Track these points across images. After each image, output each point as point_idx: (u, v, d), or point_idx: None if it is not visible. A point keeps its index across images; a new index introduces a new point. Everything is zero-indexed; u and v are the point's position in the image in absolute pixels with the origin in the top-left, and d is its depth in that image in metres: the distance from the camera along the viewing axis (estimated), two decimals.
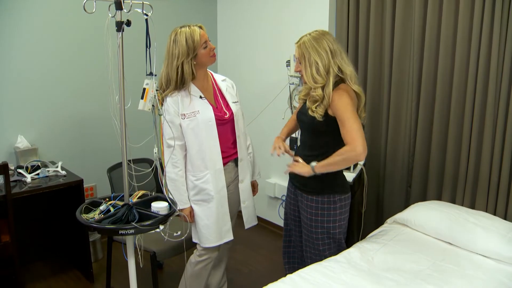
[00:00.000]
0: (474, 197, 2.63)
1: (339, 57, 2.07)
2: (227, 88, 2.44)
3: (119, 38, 1.84)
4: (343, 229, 2.23)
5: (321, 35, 2.07)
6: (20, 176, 2.83)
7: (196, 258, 2.43)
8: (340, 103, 2.01)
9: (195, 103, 2.26)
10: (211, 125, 2.26)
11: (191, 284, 2.46)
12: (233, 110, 2.36)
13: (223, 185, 2.34)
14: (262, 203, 3.97)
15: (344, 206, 2.19)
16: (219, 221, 2.34)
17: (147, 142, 2.13)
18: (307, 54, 2.06)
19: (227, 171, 2.39)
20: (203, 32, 2.22)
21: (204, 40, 2.20)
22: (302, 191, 2.23)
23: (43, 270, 3.18)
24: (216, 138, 2.28)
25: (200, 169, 2.29)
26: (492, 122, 2.48)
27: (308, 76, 2.07)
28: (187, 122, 2.24)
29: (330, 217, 2.16)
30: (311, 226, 2.20)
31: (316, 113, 2.05)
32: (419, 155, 2.85)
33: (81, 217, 1.92)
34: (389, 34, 2.87)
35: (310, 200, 2.18)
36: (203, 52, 2.22)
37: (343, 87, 2.06)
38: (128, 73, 1.96)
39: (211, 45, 2.24)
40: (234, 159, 2.41)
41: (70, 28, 3.20)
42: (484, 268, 2.05)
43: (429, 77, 2.73)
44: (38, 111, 3.15)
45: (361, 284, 1.88)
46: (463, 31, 2.53)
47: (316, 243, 2.21)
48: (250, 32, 3.86)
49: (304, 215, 2.23)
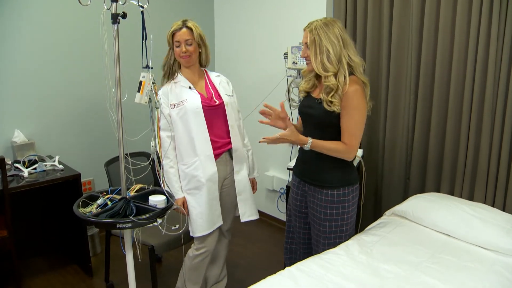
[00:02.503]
0: (472, 188, 2.63)
1: (349, 46, 2.04)
2: (221, 82, 2.47)
3: (114, 31, 1.83)
4: (353, 219, 2.23)
5: (333, 22, 2.03)
6: (17, 171, 2.81)
7: (194, 252, 2.44)
8: (354, 98, 1.99)
9: (184, 93, 2.33)
10: (198, 112, 2.29)
11: (189, 278, 2.47)
12: (224, 100, 2.39)
13: (214, 171, 2.35)
14: (260, 196, 3.96)
15: (355, 196, 2.20)
16: (211, 207, 2.36)
17: (144, 136, 2.13)
18: (318, 40, 2.00)
19: (221, 163, 2.40)
20: (183, 32, 2.27)
21: (178, 39, 2.27)
22: (314, 186, 2.19)
23: (42, 264, 3.18)
24: (204, 124, 2.31)
25: (190, 157, 2.34)
26: (491, 114, 2.47)
27: (317, 63, 2.02)
28: (176, 111, 2.31)
29: (344, 209, 2.15)
30: (325, 220, 2.16)
31: (334, 106, 1.99)
32: (418, 147, 2.85)
33: (79, 211, 1.91)
34: (387, 26, 2.85)
35: (325, 194, 2.14)
36: (176, 50, 2.31)
37: (355, 80, 2.02)
38: (124, 66, 1.95)
39: (183, 48, 2.27)
40: (228, 150, 2.41)
41: (65, 21, 3.17)
42: (483, 260, 2.05)
43: (427, 69, 2.72)
44: (34, 105, 3.14)
45: (360, 277, 1.88)
46: (461, 22, 2.51)
47: (329, 236, 2.19)
48: (247, 25, 3.83)
49: (316, 209, 2.19)
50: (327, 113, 2.03)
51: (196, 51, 2.34)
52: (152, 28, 1.87)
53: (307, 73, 2.22)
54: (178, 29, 2.27)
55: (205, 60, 2.44)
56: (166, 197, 2.01)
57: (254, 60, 3.82)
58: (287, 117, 2.10)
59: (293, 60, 3.10)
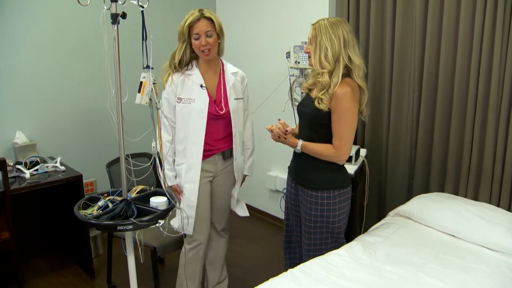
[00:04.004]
0: (477, 188, 2.60)
1: (351, 48, 2.03)
2: (235, 82, 2.38)
3: (114, 31, 1.81)
4: (342, 224, 2.19)
5: (339, 22, 2.03)
6: (19, 172, 2.81)
7: (187, 246, 2.44)
8: (343, 101, 1.98)
9: (194, 90, 2.27)
10: (202, 116, 2.26)
11: (187, 272, 2.46)
12: (230, 108, 2.32)
13: (196, 180, 2.33)
14: (263, 196, 3.95)
15: (344, 200, 2.15)
16: (190, 208, 2.35)
17: (145, 136, 2.11)
18: (319, 37, 2.02)
19: (212, 163, 2.38)
20: (202, 24, 2.15)
21: (197, 31, 2.16)
22: (302, 186, 2.20)
23: (44, 266, 3.17)
24: (203, 130, 2.27)
25: (179, 157, 2.34)
26: (495, 113, 2.44)
27: (315, 59, 2.04)
28: (181, 106, 2.28)
29: (330, 212, 2.13)
30: (310, 221, 2.17)
31: (322, 104, 2.00)
32: (421, 147, 2.82)
33: (79, 213, 1.90)
34: (390, 25, 2.83)
35: (310, 195, 2.14)
36: (194, 42, 2.20)
37: (348, 82, 2.02)
38: (125, 67, 1.93)
39: (202, 41, 2.16)
40: (221, 152, 2.39)
41: (65, 22, 3.17)
42: (487, 260, 2.03)
43: (431, 67, 2.69)
44: (36, 106, 3.13)
45: (363, 278, 1.86)
46: (465, 21, 2.48)
47: (314, 237, 2.18)
48: (250, 24, 3.81)
49: (303, 209, 2.20)
50: (317, 111, 2.03)
51: (216, 43, 2.23)
52: (152, 28, 1.85)
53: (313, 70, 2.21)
54: (196, 19, 2.14)
55: (221, 50, 2.35)
56: (168, 198, 1.99)
57: (256, 60, 3.80)
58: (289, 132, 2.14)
59: (296, 60, 3.08)
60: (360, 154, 2.88)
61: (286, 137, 2.10)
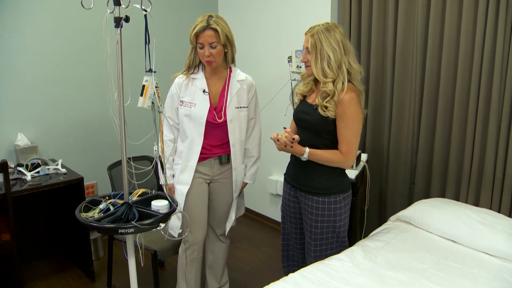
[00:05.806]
0: (478, 194, 2.60)
1: (350, 53, 2.03)
2: (239, 90, 2.36)
3: (117, 35, 1.82)
4: (346, 227, 2.20)
5: (334, 27, 2.01)
6: (20, 174, 2.81)
7: (182, 247, 2.46)
8: (351, 106, 1.98)
9: (196, 95, 2.29)
10: (201, 122, 2.27)
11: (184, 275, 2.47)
12: (228, 117, 2.30)
13: (188, 182, 2.35)
14: (263, 200, 3.95)
15: (347, 204, 2.17)
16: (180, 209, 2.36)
17: (147, 140, 2.11)
18: (319, 45, 1.99)
19: (208, 166, 2.39)
20: (207, 35, 2.14)
21: (201, 41, 2.17)
22: (305, 192, 2.18)
23: (44, 268, 3.17)
24: (201, 136, 2.29)
25: (178, 156, 2.39)
26: (497, 118, 2.45)
27: (317, 69, 2.01)
28: (183, 109, 2.31)
29: (336, 216, 2.13)
30: (316, 227, 2.15)
31: (328, 111, 1.98)
32: (423, 152, 2.82)
33: (80, 216, 1.89)
34: (392, 28, 2.84)
35: (316, 201, 2.12)
36: (199, 51, 2.22)
37: (351, 87, 2.01)
38: (127, 70, 1.93)
39: (206, 51, 2.17)
40: (218, 157, 2.39)
41: (68, 25, 3.18)
42: (488, 266, 2.02)
43: (432, 72, 2.70)
44: (37, 108, 3.13)
45: (364, 283, 1.86)
46: (467, 25, 2.49)
47: (320, 243, 2.18)
48: (251, 28, 3.82)
49: (308, 216, 2.18)
50: (323, 119, 2.02)
51: (221, 53, 2.23)
52: (155, 32, 1.86)
53: (306, 77, 2.20)
54: (202, 30, 2.14)
55: (231, 59, 2.34)
56: (169, 202, 1.99)
57: (258, 64, 3.80)
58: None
59: (297, 64, 3.09)
60: (361, 159, 2.88)
61: (293, 145, 2.01)
